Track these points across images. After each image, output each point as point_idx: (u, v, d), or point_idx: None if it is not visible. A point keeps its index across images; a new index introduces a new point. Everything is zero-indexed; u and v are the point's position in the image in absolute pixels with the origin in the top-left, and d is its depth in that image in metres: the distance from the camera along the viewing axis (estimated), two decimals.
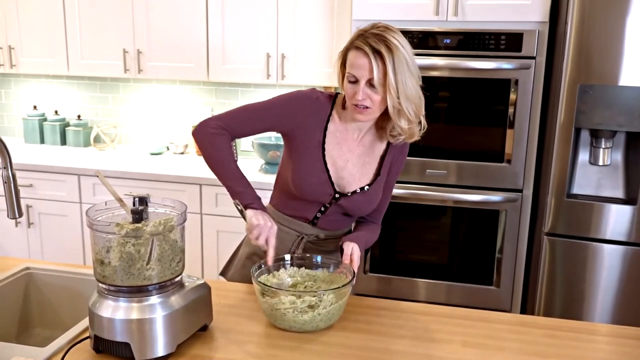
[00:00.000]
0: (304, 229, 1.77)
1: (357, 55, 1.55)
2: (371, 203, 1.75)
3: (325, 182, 1.70)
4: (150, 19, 3.29)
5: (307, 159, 1.69)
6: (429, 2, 2.68)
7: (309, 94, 1.70)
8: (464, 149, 2.79)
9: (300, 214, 1.76)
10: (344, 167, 1.71)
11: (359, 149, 1.73)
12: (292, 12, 3.09)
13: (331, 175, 1.70)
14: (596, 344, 1.48)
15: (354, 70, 1.56)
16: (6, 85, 3.97)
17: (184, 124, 3.70)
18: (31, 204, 3.33)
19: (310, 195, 1.71)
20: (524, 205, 2.77)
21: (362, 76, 1.54)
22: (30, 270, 1.81)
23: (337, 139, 1.71)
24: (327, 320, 1.48)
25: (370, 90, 1.56)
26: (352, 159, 1.72)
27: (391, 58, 1.51)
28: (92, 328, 1.34)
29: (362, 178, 1.73)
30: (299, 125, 1.68)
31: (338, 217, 1.77)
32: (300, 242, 1.78)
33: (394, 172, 1.79)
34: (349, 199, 1.72)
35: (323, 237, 1.79)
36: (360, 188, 1.72)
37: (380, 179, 1.75)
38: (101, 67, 3.43)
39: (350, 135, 1.71)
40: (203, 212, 3.14)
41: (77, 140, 3.76)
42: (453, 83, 2.74)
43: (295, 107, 1.69)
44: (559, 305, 2.67)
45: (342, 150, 1.71)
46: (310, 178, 1.69)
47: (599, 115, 2.45)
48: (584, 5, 2.39)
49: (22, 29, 3.48)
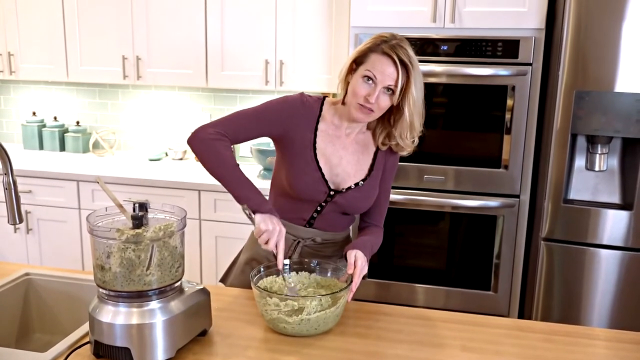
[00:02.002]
0: (300, 232, 1.78)
1: (384, 61, 1.58)
2: (366, 199, 1.76)
3: (319, 180, 1.71)
4: (150, 25, 3.31)
5: (299, 159, 1.71)
6: (427, 9, 2.70)
7: (297, 97, 1.74)
8: (461, 155, 2.81)
9: (297, 214, 1.77)
10: (338, 164, 1.73)
11: (353, 146, 1.75)
12: (291, 19, 3.11)
13: (324, 172, 1.72)
14: (593, 348, 1.49)
15: (377, 72, 1.58)
16: (5, 92, 3.98)
17: (183, 130, 3.71)
18: (30, 210, 3.34)
19: (305, 193, 1.73)
20: (521, 211, 2.78)
21: (383, 81, 1.58)
22: (29, 276, 1.82)
23: (330, 137, 1.73)
24: (319, 326, 1.48)
25: (383, 97, 1.60)
26: (346, 156, 1.74)
27: (413, 72, 1.59)
28: (92, 333, 1.34)
29: (357, 174, 1.74)
30: (290, 128, 1.71)
31: (334, 216, 1.77)
32: (297, 246, 1.78)
33: (388, 169, 1.79)
34: (344, 196, 1.73)
35: (320, 241, 1.79)
36: (354, 184, 1.73)
37: (374, 174, 1.76)
38: (100, 73, 3.44)
39: (343, 133, 1.74)
40: (202, 218, 3.14)
41: (76, 146, 3.77)
42: (450, 89, 2.76)
43: (285, 112, 1.71)
44: (557, 310, 2.68)
45: (335, 147, 1.73)
46: (304, 177, 1.71)
47: (595, 121, 2.47)
48: (580, 12, 2.41)
49: (21, 35, 3.50)
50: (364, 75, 1.60)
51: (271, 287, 1.59)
